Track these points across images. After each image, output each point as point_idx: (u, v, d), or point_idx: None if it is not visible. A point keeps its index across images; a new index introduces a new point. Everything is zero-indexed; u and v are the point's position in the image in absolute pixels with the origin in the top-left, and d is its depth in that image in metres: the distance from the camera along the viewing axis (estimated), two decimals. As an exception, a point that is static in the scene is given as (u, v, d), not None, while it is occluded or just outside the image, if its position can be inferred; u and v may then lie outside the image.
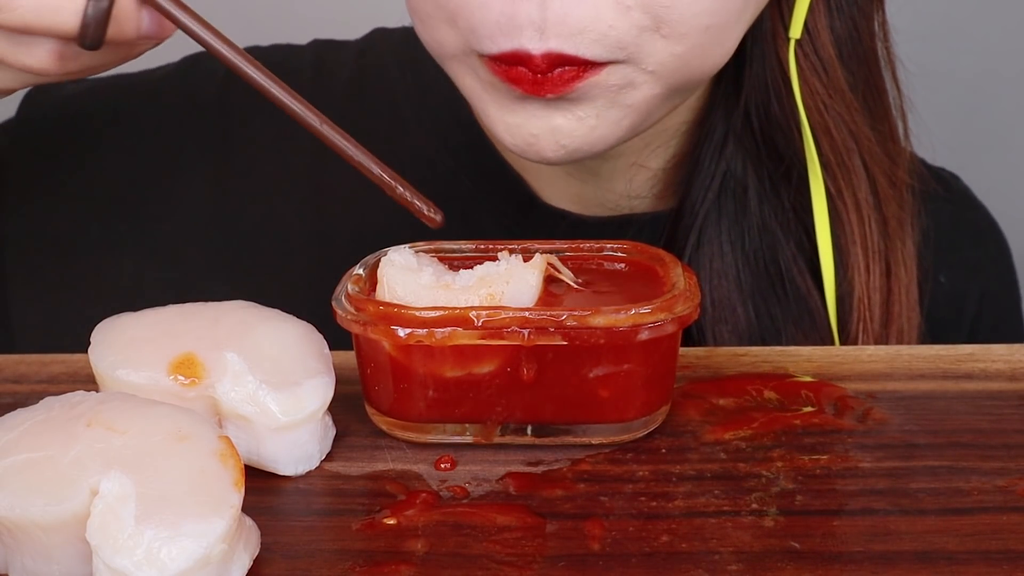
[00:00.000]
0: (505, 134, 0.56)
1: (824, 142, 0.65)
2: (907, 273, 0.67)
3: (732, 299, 0.66)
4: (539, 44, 0.52)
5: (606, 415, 0.47)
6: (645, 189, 0.69)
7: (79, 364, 0.54)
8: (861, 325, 0.66)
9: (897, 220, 0.67)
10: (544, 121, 0.55)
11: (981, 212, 0.79)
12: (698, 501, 0.44)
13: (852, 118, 0.65)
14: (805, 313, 0.67)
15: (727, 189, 0.67)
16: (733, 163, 0.66)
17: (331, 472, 0.47)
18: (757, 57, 0.64)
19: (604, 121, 0.55)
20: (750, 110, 0.65)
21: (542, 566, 0.40)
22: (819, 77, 0.64)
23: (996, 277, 0.78)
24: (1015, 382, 0.52)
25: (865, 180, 0.66)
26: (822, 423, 0.49)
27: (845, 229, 0.66)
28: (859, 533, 0.42)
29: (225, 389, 0.45)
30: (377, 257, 0.51)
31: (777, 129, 0.65)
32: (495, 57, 0.53)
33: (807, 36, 0.63)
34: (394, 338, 0.45)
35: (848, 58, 0.65)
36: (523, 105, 0.55)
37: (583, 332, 0.45)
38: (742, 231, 0.67)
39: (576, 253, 0.52)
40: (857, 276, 0.66)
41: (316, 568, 0.40)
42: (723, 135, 0.66)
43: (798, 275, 0.67)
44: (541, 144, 0.56)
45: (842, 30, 0.64)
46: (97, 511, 0.37)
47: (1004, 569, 0.40)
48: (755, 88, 0.65)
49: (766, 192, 0.67)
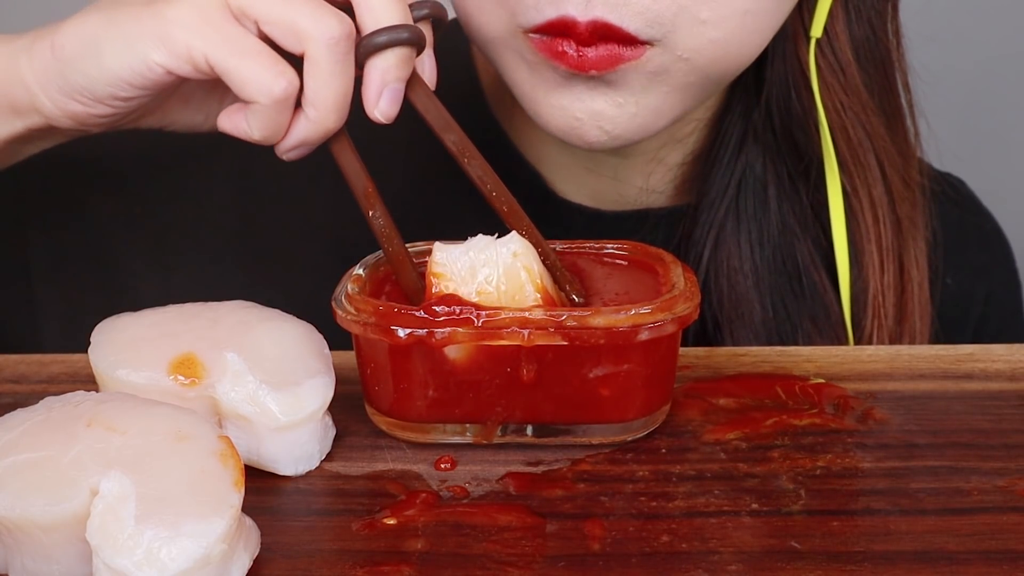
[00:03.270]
0: (550, 117, 0.57)
1: (841, 141, 0.66)
2: (920, 271, 0.68)
3: (749, 295, 0.67)
4: (584, 12, 0.53)
5: (606, 415, 0.47)
6: (663, 184, 0.70)
7: (79, 364, 0.54)
8: (876, 322, 0.67)
9: (910, 219, 0.68)
10: (587, 104, 0.56)
11: (986, 216, 0.80)
12: (698, 501, 0.44)
13: (868, 119, 0.66)
14: (821, 310, 0.67)
15: (746, 186, 0.67)
16: (753, 160, 0.67)
17: (331, 472, 0.47)
18: (778, 56, 0.65)
19: (643, 109, 0.57)
20: (771, 107, 0.66)
21: (542, 566, 0.40)
22: (837, 77, 0.65)
23: (1001, 280, 0.79)
24: (1015, 382, 0.52)
25: (880, 180, 0.67)
26: (822, 423, 0.49)
27: (860, 227, 0.67)
28: (859, 533, 0.42)
29: (225, 389, 0.45)
30: (377, 257, 0.51)
31: (797, 127, 0.66)
32: (540, 28, 0.54)
33: (826, 38, 0.65)
34: (394, 338, 0.45)
35: (865, 60, 0.66)
36: (568, 87, 0.56)
37: (583, 332, 0.45)
38: (760, 228, 0.67)
39: (577, 253, 0.52)
40: (872, 274, 0.67)
41: (316, 568, 0.40)
42: (742, 132, 0.67)
43: (815, 272, 0.68)
44: (585, 128, 0.57)
45: (859, 33, 0.66)
46: (97, 511, 0.37)
47: (1004, 569, 0.40)
48: (776, 86, 0.66)
49: (785, 190, 0.68)
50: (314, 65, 0.48)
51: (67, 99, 0.53)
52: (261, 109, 0.49)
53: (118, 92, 0.52)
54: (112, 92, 0.52)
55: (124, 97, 0.52)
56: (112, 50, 0.51)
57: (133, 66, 0.50)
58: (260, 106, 0.49)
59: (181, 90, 0.56)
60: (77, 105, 0.53)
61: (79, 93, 0.52)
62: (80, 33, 0.52)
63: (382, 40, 0.49)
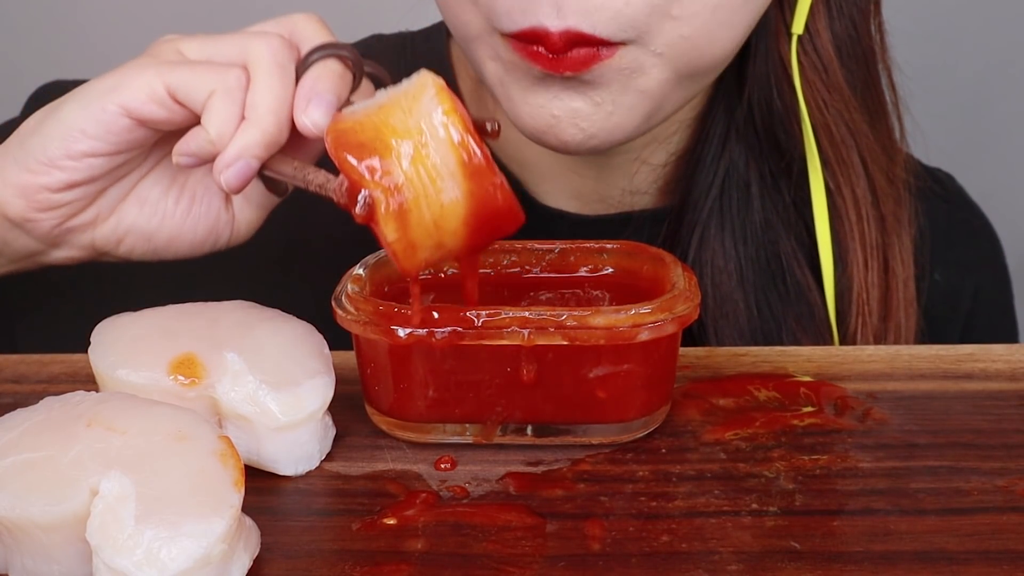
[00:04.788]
0: (527, 116, 0.57)
1: (823, 138, 0.66)
2: (904, 269, 0.68)
3: (734, 295, 0.67)
4: (557, 22, 0.53)
5: (606, 415, 0.47)
6: (646, 185, 0.69)
7: (79, 364, 0.54)
8: (860, 320, 0.66)
9: (894, 216, 0.68)
10: (565, 102, 0.56)
11: (975, 212, 0.79)
12: (698, 501, 0.44)
13: (851, 116, 0.66)
14: (805, 308, 0.67)
15: (730, 185, 0.67)
16: (736, 158, 0.67)
17: (331, 472, 0.47)
18: (760, 53, 0.65)
19: (620, 107, 0.56)
20: (753, 104, 0.66)
21: (542, 566, 0.40)
22: (819, 75, 0.65)
23: (990, 275, 0.78)
24: (1015, 382, 0.52)
25: (863, 177, 0.67)
26: (822, 423, 0.49)
27: (844, 225, 0.67)
28: (859, 533, 0.42)
29: (225, 389, 0.45)
30: (377, 257, 0.51)
31: (779, 124, 0.66)
32: (513, 35, 0.54)
33: (807, 35, 0.64)
34: (394, 338, 0.45)
35: (847, 57, 0.66)
36: (544, 86, 0.56)
37: (583, 332, 0.45)
38: (744, 227, 0.67)
39: (576, 253, 0.52)
40: (856, 271, 0.67)
41: (316, 568, 0.40)
42: (725, 130, 0.67)
43: (798, 270, 0.67)
44: (561, 126, 0.56)
45: (841, 30, 0.65)
46: (97, 511, 0.37)
47: (1004, 569, 0.40)
48: (758, 83, 0.66)
49: (767, 188, 0.68)
50: (255, 68, 0.51)
51: (20, 171, 0.53)
52: (217, 100, 0.50)
53: (72, 145, 0.52)
54: (66, 146, 0.52)
55: (77, 152, 0.53)
56: (69, 107, 0.53)
57: (90, 112, 0.52)
58: (216, 98, 0.50)
59: (137, 191, 0.57)
60: (28, 176, 0.53)
61: (33, 159, 0.53)
62: (41, 112, 0.55)
63: (316, 56, 0.52)
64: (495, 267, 0.52)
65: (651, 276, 0.51)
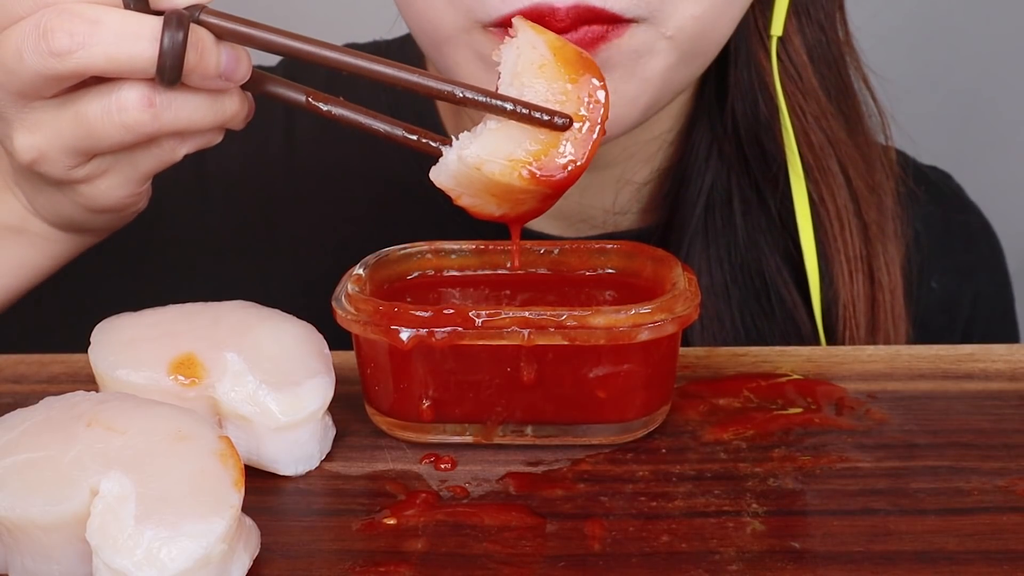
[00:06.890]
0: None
1: (803, 146, 0.65)
2: (891, 278, 0.67)
3: (721, 314, 0.66)
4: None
5: (606, 415, 0.47)
6: (629, 204, 0.68)
7: (79, 364, 0.54)
8: (848, 333, 0.66)
9: (878, 225, 0.67)
10: None
11: (973, 213, 0.78)
12: (698, 501, 0.44)
13: (828, 122, 0.65)
14: (791, 326, 0.66)
15: (714, 203, 0.66)
16: (720, 175, 0.66)
17: (331, 472, 0.47)
18: (742, 57, 0.64)
19: (622, 98, 0.54)
20: (736, 114, 0.65)
21: (542, 566, 0.40)
22: (794, 81, 0.64)
23: (989, 279, 0.77)
24: (1015, 382, 0.52)
25: (844, 185, 0.66)
26: (822, 423, 0.49)
27: (828, 236, 0.66)
28: (859, 533, 0.42)
29: (225, 389, 0.45)
30: (377, 257, 0.51)
31: (765, 131, 0.65)
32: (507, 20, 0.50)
33: (781, 42, 0.64)
34: (394, 338, 0.45)
35: (819, 62, 0.65)
36: None
37: (583, 332, 0.45)
38: (729, 245, 0.66)
39: (577, 253, 0.52)
40: (841, 283, 0.66)
41: (316, 568, 0.40)
42: (708, 146, 0.66)
43: (783, 288, 0.66)
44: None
45: (811, 36, 0.65)
46: (97, 511, 0.37)
47: (1004, 569, 0.40)
48: (740, 90, 0.65)
49: (752, 204, 0.67)
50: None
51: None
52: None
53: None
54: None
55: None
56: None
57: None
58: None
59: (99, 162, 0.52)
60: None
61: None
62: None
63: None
64: (495, 267, 0.52)
65: (651, 276, 0.51)
